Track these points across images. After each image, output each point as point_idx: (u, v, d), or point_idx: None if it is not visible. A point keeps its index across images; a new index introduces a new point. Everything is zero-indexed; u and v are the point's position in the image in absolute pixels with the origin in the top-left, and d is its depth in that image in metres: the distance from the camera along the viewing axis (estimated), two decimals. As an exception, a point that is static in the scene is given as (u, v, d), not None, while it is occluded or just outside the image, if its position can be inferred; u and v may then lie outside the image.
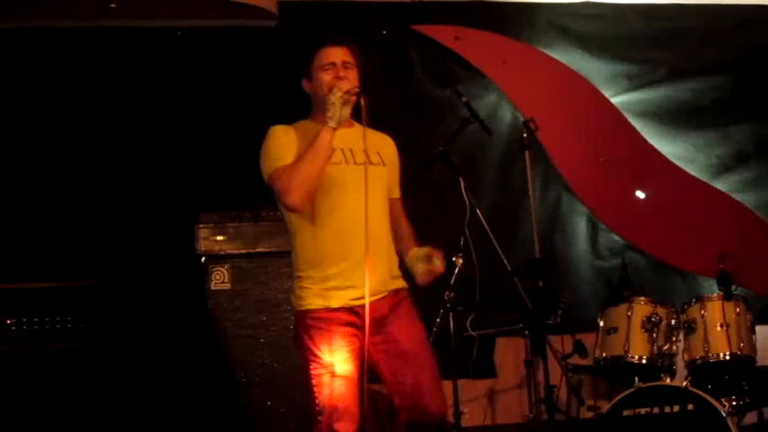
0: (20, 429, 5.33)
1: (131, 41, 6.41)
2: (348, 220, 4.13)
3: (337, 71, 4.24)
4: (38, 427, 5.36)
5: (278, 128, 4.26)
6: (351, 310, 4.12)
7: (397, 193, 4.45)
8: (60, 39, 6.32)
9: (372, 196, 4.13)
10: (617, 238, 6.91)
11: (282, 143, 4.19)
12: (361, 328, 4.06)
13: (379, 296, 4.17)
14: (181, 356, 5.95)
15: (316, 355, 4.09)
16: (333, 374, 4.06)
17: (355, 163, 4.21)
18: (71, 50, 6.33)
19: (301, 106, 4.40)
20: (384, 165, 4.32)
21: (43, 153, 6.23)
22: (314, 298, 4.15)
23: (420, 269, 4.22)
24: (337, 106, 4.09)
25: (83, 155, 6.26)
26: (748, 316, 5.62)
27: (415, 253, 4.28)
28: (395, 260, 4.30)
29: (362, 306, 4.05)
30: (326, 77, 4.23)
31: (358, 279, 4.07)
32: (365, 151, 4.23)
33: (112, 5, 6.14)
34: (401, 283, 4.30)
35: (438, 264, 4.20)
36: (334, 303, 4.11)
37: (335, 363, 4.06)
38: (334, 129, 4.09)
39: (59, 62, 6.32)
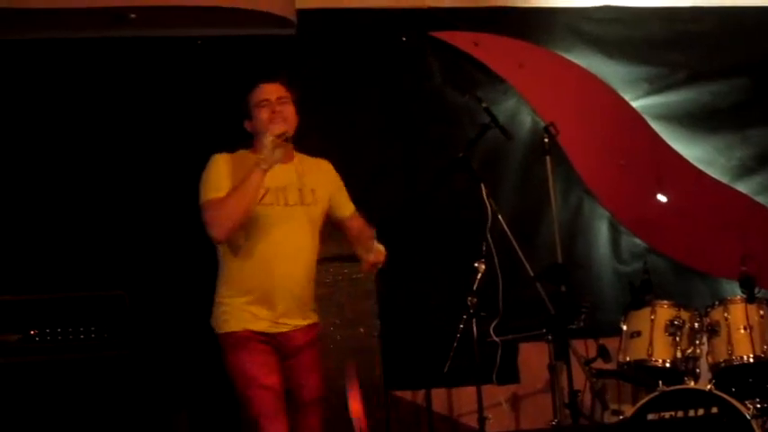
0: (44, 439, 5.36)
1: (152, 51, 6.45)
2: (272, 255, 4.30)
3: (272, 107, 4.37)
4: (62, 437, 5.39)
5: (218, 157, 4.40)
6: (267, 334, 4.31)
7: (351, 208, 4.60)
8: (82, 50, 6.37)
9: (296, 235, 4.35)
10: (638, 241, 6.90)
11: (219, 175, 4.34)
12: (278, 348, 4.31)
13: (296, 327, 4.38)
14: (204, 365, 5.95)
15: (242, 371, 4.26)
16: (260, 386, 4.22)
17: (286, 204, 4.35)
18: (93, 61, 6.38)
19: (316, 112, 4.44)
20: (316, 204, 4.45)
21: (66, 164, 6.27)
22: (235, 321, 4.32)
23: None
24: (269, 149, 4.21)
25: (105, 166, 6.30)
26: (772, 318, 5.61)
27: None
28: (312, 296, 4.46)
29: (279, 333, 4.32)
30: (263, 114, 4.37)
31: (275, 308, 4.30)
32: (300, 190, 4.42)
33: (132, 15, 6.18)
34: (315, 318, 4.50)
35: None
36: (253, 327, 4.29)
37: (260, 375, 4.23)
38: (265, 170, 4.20)
39: (81, 73, 6.37)
